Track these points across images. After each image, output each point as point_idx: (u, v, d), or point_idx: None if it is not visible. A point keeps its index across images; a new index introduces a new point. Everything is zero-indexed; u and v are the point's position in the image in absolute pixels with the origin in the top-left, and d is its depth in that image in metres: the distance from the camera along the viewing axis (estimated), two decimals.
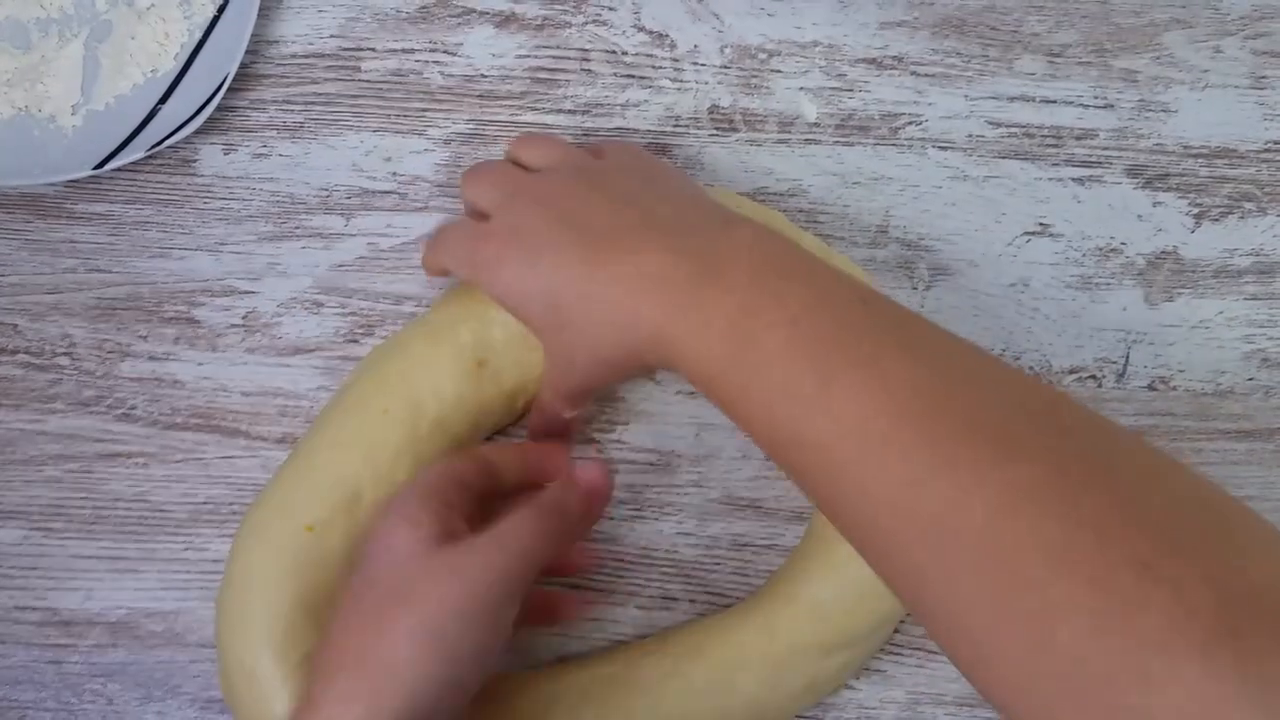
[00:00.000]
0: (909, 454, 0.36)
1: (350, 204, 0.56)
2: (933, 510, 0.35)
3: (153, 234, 0.55)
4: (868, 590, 0.50)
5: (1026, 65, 0.57)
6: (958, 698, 0.54)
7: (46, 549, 0.54)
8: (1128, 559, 0.32)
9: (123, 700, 0.53)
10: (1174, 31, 0.57)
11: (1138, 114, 0.57)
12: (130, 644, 0.53)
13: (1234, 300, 0.56)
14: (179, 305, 0.55)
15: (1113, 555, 0.32)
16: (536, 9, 0.57)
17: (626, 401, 0.55)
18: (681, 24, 0.57)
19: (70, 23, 0.55)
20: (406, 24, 0.57)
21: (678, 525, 0.55)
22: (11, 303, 0.55)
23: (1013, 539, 0.33)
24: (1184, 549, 0.32)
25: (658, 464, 0.55)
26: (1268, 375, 0.56)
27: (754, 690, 0.50)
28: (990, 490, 0.34)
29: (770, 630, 0.50)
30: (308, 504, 0.48)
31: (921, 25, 0.57)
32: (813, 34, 0.57)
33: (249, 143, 0.56)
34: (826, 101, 0.56)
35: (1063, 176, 0.56)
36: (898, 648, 0.54)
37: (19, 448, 0.54)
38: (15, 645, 0.53)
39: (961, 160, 0.56)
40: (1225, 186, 0.57)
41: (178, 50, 0.55)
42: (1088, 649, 0.32)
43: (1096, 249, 0.56)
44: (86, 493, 0.54)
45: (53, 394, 0.54)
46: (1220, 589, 0.31)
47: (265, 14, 0.56)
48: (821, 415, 0.38)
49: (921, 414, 0.36)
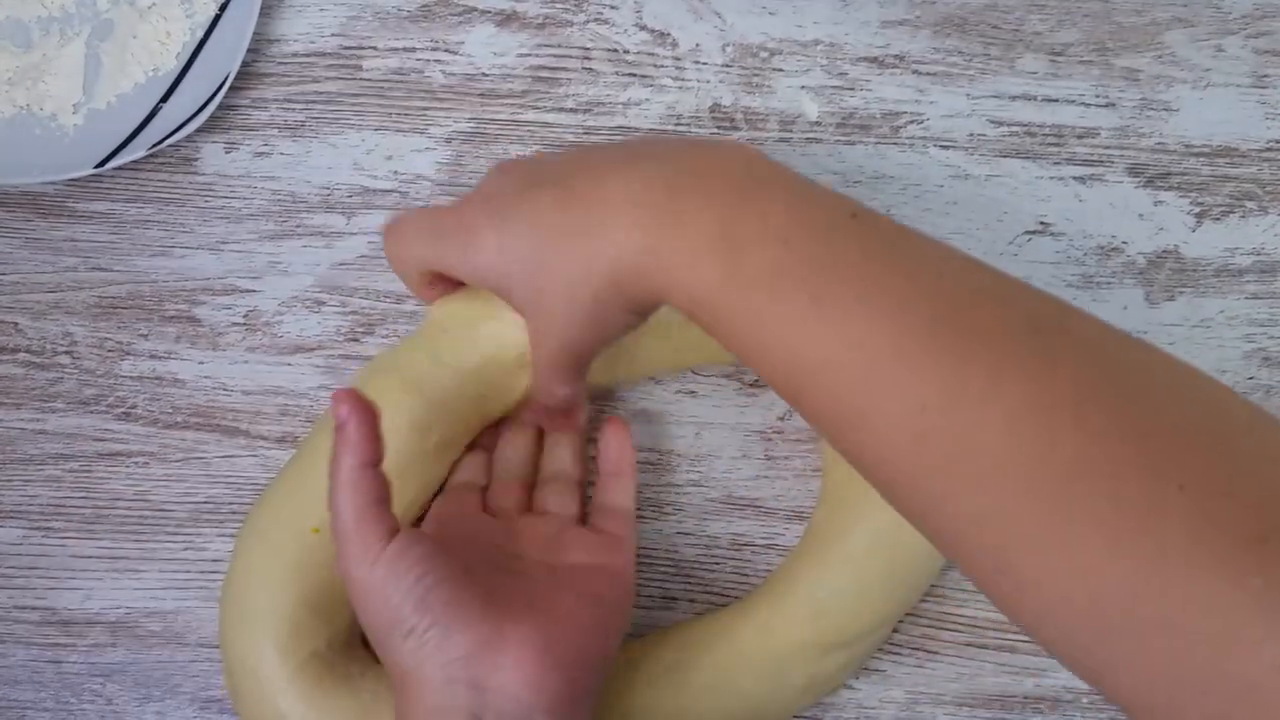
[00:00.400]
0: (919, 374, 0.35)
1: (352, 202, 0.56)
2: (948, 433, 0.34)
3: (154, 232, 0.55)
4: (866, 590, 0.50)
5: (1028, 64, 0.57)
6: (957, 697, 0.54)
7: (46, 549, 0.54)
8: (1144, 470, 0.31)
9: (122, 700, 0.53)
10: (1176, 30, 0.57)
11: (1139, 113, 0.57)
12: (130, 644, 0.53)
13: (1235, 299, 0.56)
14: (180, 304, 0.55)
15: (1129, 467, 0.32)
16: (538, 7, 0.57)
17: (626, 401, 0.55)
18: (683, 22, 0.57)
19: (72, 21, 0.56)
20: (408, 22, 0.57)
21: (677, 525, 0.55)
22: (12, 301, 0.55)
23: (1029, 455, 0.33)
24: (1202, 457, 0.32)
25: (657, 464, 0.55)
26: (1268, 374, 0.56)
27: (752, 689, 0.49)
28: (1004, 407, 0.33)
29: (768, 629, 0.50)
30: (313, 505, 0.47)
31: (923, 24, 0.57)
32: (814, 32, 0.57)
33: (250, 141, 0.56)
34: (828, 100, 0.56)
35: (1064, 175, 0.56)
36: (897, 647, 0.54)
37: (19, 447, 0.54)
38: (15, 645, 0.53)
39: (963, 159, 0.56)
40: (1227, 185, 0.56)
41: (179, 49, 0.55)
42: (1107, 564, 0.31)
43: (1098, 248, 0.56)
44: (86, 492, 0.54)
45: (53, 393, 0.54)
46: (1240, 496, 0.31)
47: (267, 13, 0.56)
48: (823, 334, 0.36)
49: (928, 331, 0.35)
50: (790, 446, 0.55)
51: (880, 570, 0.50)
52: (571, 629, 0.44)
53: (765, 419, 0.55)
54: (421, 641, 0.42)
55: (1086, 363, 0.34)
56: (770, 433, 0.55)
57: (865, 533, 0.50)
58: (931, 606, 0.54)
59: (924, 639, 0.54)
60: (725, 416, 0.55)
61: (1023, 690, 0.54)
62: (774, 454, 0.55)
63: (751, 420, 0.55)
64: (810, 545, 0.51)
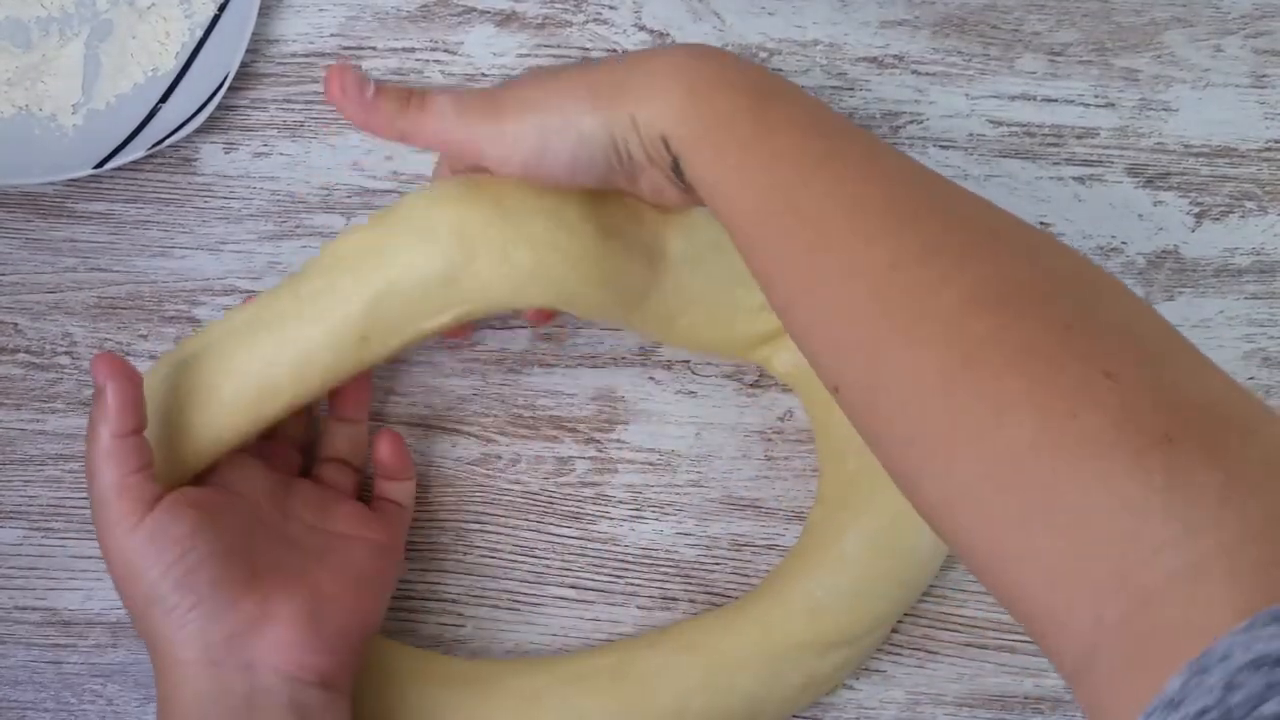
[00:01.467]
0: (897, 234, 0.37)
1: (351, 203, 0.56)
2: (909, 290, 0.35)
3: (153, 233, 0.55)
4: (864, 589, 0.50)
5: (1027, 64, 0.57)
6: (957, 698, 0.54)
7: (46, 549, 0.54)
8: (1084, 361, 0.32)
9: (122, 701, 0.53)
10: (1175, 30, 0.57)
11: (1138, 113, 0.57)
12: (130, 644, 0.53)
13: (1234, 299, 0.56)
14: (179, 304, 0.55)
15: (1070, 357, 0.33)
16: (537, 8, 0.57)
17: (626, 401, 0.55)
18: (682, 23, 0.57)
19: (71, 22, 0.56)
20: (407, 23, 0.56)
21: (677, 525, 0.55)
22: (12, 302, 0.55)
23: (977, 330, 0.34)
24: (1138, 360, 0.33)
25: (658, 464, 0.55)
26: (1268, 374, 0.56)
27: (751, 688, 0.49)
28: (966, 281, 0.35)
29: (766, 628, 0.50)
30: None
31: (922, 24, 0.57)
32: (813, 33, 0.57)
33: (250, 142, 0.56)
34: (828, 100, 0.56)
35: (1063, 175, 0.56)
36: (897, 648, 0.54)
37: (19, 447, 0.54)
38: (15, 645, 0.53)
39: (962, 159, 0.56)
40: (1226, 185, 0.57)
41: (178, 49, 0.55)
42: (1030, 443, 0.32)
43: (1097, 248, 0.56)
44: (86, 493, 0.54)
45: (53, 393, 0.54)
46: (1165, 397, 0.31)
47: (266, 13, 0.56)
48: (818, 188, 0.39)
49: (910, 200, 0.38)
50: (790, 447, 0.55)
51: (878, 570, 0.50)
52: (338, 605, 0.45)
53: (765, 419, 0.55)
54: (184, 621, 0.42)
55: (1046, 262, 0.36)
56: (770, 433, 0.55)
57: (863, 532, 0.50)
58: (931, 606, 0.54)
59: (924, 639, 0.54)
60: (725, 416, 0.55)
61: (1023, 690, 0.54)
62: (774, 454, 0.55)
63: (751, 420, 0.55)
64: (808, 545, 0.51)
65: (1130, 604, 0.29)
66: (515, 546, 0.54)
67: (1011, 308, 0.34)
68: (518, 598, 0.54)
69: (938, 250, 0.36)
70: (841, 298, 0.37)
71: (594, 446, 0.55)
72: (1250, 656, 0.27)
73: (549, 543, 0.54)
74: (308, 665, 0.44)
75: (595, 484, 0.55)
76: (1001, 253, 0.36)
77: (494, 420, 0.55)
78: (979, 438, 0.33)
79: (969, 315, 0.34)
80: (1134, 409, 0.31)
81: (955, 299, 0.35)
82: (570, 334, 0.55)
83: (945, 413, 0.34)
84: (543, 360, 0.55)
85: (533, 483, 0.55)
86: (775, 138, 0.41)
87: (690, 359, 0.55)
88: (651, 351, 0.55)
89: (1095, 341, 0.33)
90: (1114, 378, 0.32)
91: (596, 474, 0.55)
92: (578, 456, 0.55)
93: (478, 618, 0.54)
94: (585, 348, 0.55)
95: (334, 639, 0.45)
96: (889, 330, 0.36)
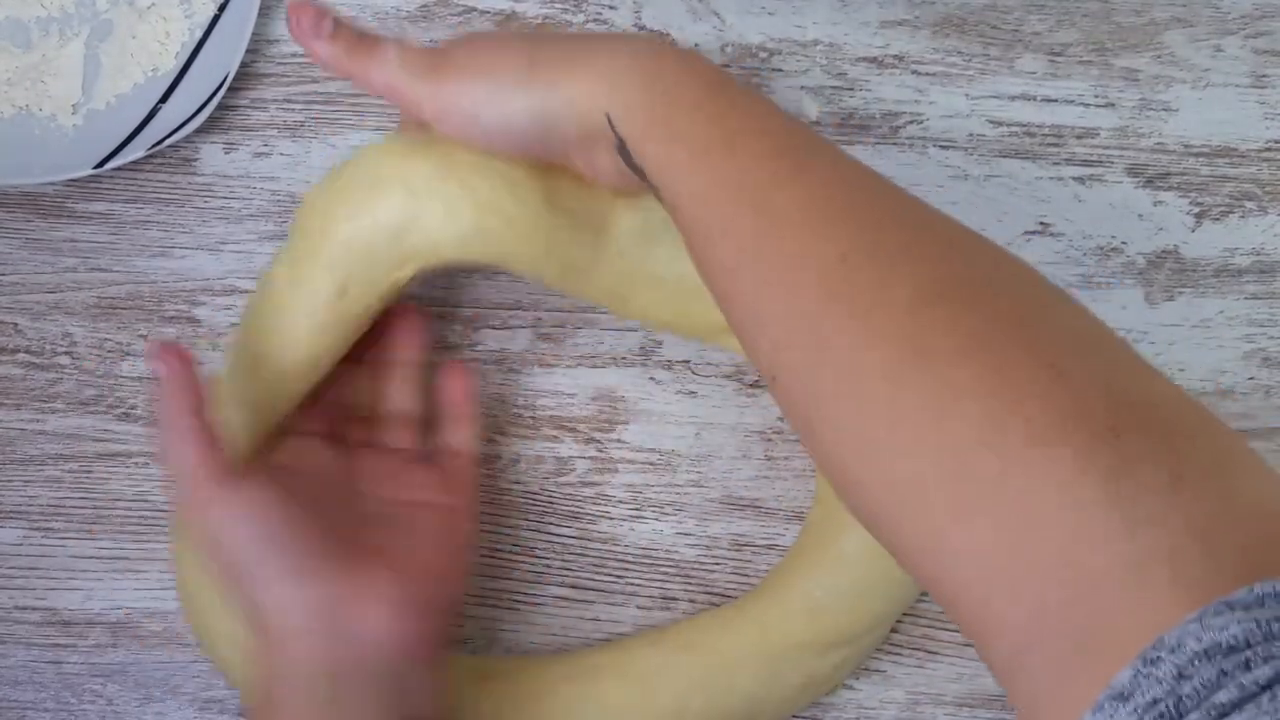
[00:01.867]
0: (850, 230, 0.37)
1: None
2: (858, 283, 0.36)
3: (153, 233, 0.55)
4: (863, 589, 0.50)
5: (1027, 64, 0.57)
6: (957, 698, 0.54)
7: (46, 549, 0.54)
8: (1034, 353, 0.33)
9: (122, 701, 0.53)
10: (1175, 30, 0.57)
11: (1138, 113, 0.57)
12: (130, 644, 0.53)
13: (1234, 299, 0.56)
14: (179, 304, 0.55)
15: (1021, 350, 0.33)
16: (537, 8, 0.57)
17: (626, 401, 0.55)
18: (682, 23, 0.57)
19: (71, 22, 0.56)
20: (407, 23, 0.56)
21: (677, 525, 0.55)
22: (12, 302, 0.55)
23: (929, 322, 0.34)
24: (1088, 357, 0.33)
25: (658, 464, 0.55)
26: (1268, 374, 0.56)
27: (750, 687, 0.50)
28: (919, 276, 0.35)
29: (765, 628, 0.50)
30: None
31: (922, 24, 0.57)
32: (813, 33, 0.57)
33: (250, 141, 0.56)
34: (827, 100, 0.56)
35: (1063, 175, 0.56)
36: (897, 647, 0.54)
37: (19, 448, 0.54)
38: (15, 645, 0.53)
39: (962, 159, 0.56)
40: (1226, 185, 0.57)
41: (178, 49, 0.55)
42: (977, 434, 0.32)
43: (1097, 248, 0.56)
44: (86, 493, 0.54)
45: (53, 393, 0.54)
46: (1113, 394, 0.32)
47: (266, 13, 0.56)
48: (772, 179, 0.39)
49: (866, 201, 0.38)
50: (790, 447, 0.55)
51: (877, 569, 0.50)
52: (422, 576, 0.46)
53: (765, 419, 0.55)
54: (281, 591, 0.43)
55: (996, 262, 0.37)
56: (770, 433, 0.55)
57: (862, 532, 0.49)
58: (931, 606, 0.54)
59: (924, 639, 0.54)
60: (725, 416, 0.55)
61: None
62: (774, 454, 0.55)
63: (751, 420, 0.55)
64: (807, 544, 0.51)
65: (1076, 589, 0.29)
66: (515, 546, 0.54)
67: (961, 302, 0.34)
68: (518, 598, 0.54)
69: (889, 248, 0.36)
70: (788, 284, 0.37)
71: (594, 446, 0.55)
72: (1202, 646, 0.26)
73: (549, 542, 0.54)
74: (398, 636, 0.44)
75: (595, 484, 0.55)
76: (954, 255, 0.37)
77: (494, 420, 0.55)
78: (925, 427, 0.33)
79: (920, 307, 0.34)
80: (1082, 403, 0.31)
81: (906, 292, 0.35)
82: (570, 334, 0.55)
83: (891, 402, 0.34)
84: (543, 360, 0.55)
85: (533, 483, 0.55)
86: (732, 124, 0.41)
87: (690, 359, 0.55)
88: (652, 351, 0.55)
89: (1045, 338, 0.33)
90: (1062, 372, 0.32)
91: (596, 474, 0.55)
92: (578, 456, 0.55)
93: (478, 618, 0.54)
94: (585, 348, 0.55)
95: (422, 612, 0.45)
96: (836, 319, 0.36)
